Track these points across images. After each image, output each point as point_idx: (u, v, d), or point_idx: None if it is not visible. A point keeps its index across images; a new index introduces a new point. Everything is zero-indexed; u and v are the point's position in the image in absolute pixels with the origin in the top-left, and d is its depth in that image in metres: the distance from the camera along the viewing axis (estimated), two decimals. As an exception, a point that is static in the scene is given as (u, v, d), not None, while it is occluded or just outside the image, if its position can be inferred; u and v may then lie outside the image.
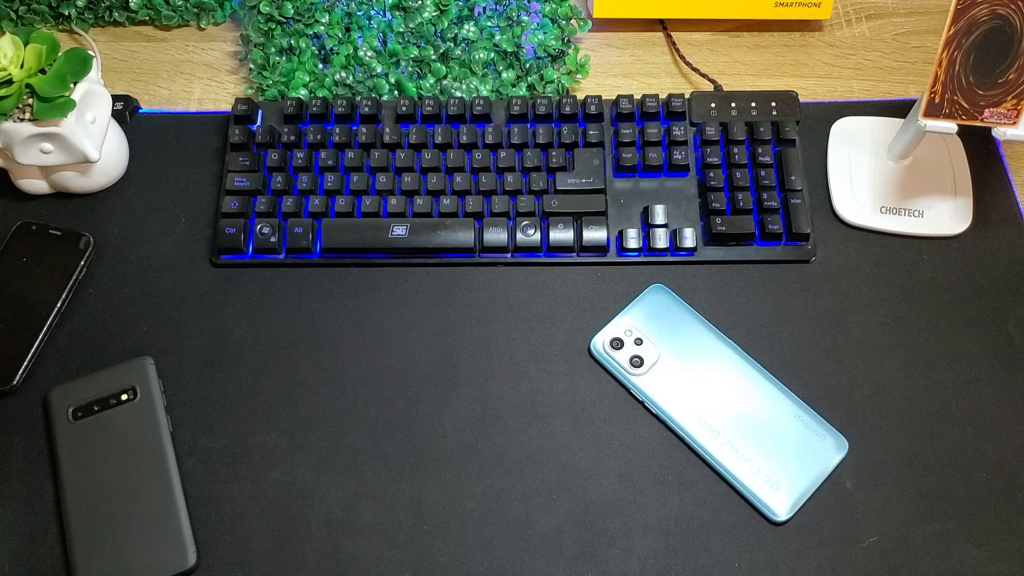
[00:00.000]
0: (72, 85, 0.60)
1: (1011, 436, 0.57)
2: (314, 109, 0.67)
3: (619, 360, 0.59)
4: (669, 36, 0.76)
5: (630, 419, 0.58)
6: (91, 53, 0.62)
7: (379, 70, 0.71)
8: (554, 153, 0.65)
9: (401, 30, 0.71)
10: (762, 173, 0.65)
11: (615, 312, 0.61)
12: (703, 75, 0.73)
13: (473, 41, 0.71)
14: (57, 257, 0.63)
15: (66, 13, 0.75)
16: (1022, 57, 0.55)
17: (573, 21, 0.72)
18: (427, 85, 0.71)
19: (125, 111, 0.70)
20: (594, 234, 0.63)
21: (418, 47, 0.71)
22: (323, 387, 0.60)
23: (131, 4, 0.75)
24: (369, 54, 0.71)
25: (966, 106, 0.57)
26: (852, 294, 0.63)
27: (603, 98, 0.68)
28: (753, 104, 0.68)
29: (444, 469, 0.57)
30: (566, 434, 0.58)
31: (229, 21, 0.78)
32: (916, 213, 0.65)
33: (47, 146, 0.60)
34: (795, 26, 0.77)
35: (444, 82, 0.71)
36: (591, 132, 0.66)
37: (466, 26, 0.71)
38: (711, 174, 0.64)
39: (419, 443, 0.57)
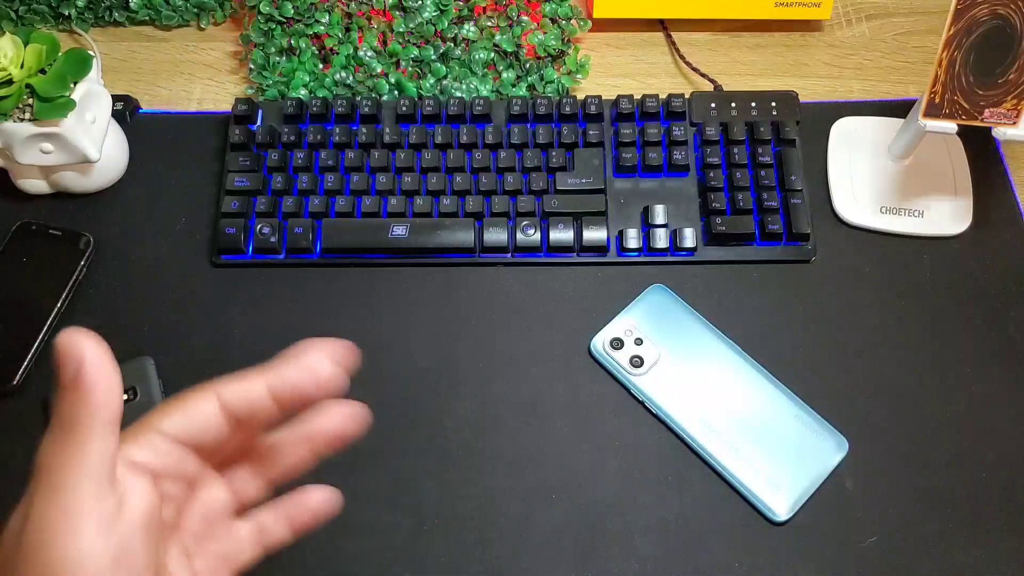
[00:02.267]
0: (72, 85, 0.60)
1: (1011, 436, 0.57)
2: (314, 109, 0.67)
3: (619, 360, 0.59)
4: (669, 36, 0.76)
5: (630, 419, 0.58)
6: (91, 53, 0.62)
7: (379, 70, 0.71)
8: (554, 153, 0.65)
9: (401, 30, 0.71)
10: (762, 173, 0.64)
11: (615, 312, 0.61)
12: (703, 75, 0.73)
13: (473, 41, 0.71)
14: (57, 257, 0.63)
15: (66, 13, 0.75)
16: (1022, 57, 0.55)
17: (573, 21, 0.72)
18: (427, 85, 0.71)
19: (125, 111, 0.70)
20: (594, 234, 0.63)
21: (418, 47, 0.71)
22: (323, 387, 0.60)
23: (131, 4, 0.75)
24: (369, 54, 0.71)
25: (966, 106, 0.57)
26: (852, 294, 0.63)
27: (603, 98, 0.68)
28: (753, 104, 0.68)
29: (444, 469, 0.57)
30: (566, 434, 0.58)
31: (229, 21, 0.78)
32: (916, 213, 0.65)
33: (47, 146, 0.60)
34: (795, 26, 0.77)
35: (444, 82, 0.71)
36: (591, 132, 0.66)
37: (466, 26, 0.71)
38: (711, 174, 0.64)
39: (419, 443, 0.57)
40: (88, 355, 0.28)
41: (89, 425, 0.28)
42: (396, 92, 0.71)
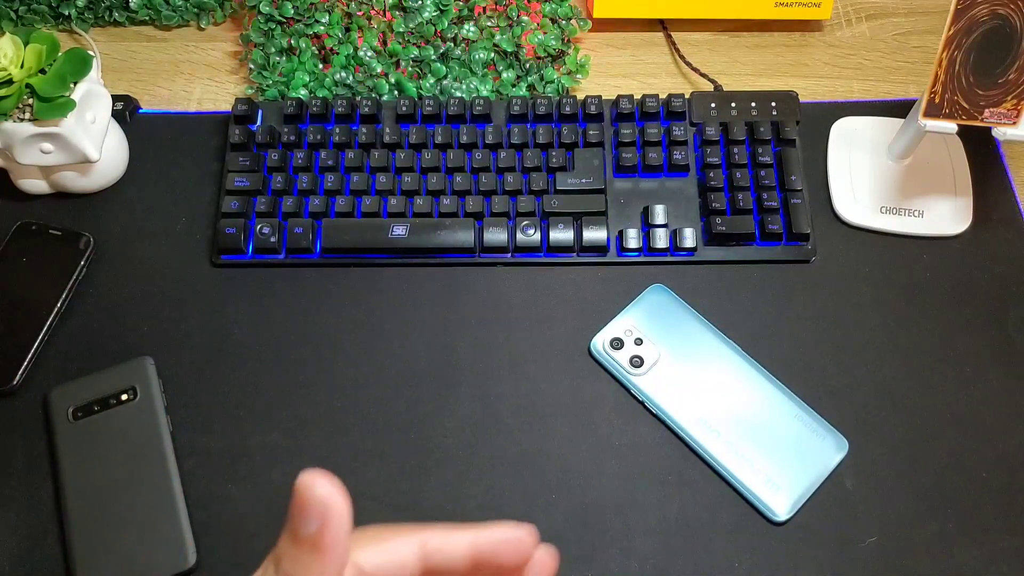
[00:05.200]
0: (72, 85, 0.60)
1: (1011, 436, 0.57)
2: (314, 109, 0.67)
3: (619, 360, 0.59)
4: (669, 36, 0.76)
5: (630, 419, 0.58)
6: (91, 53, 0.62)
7: (379, 70, 0.71)
8: (554, 153, 0.65)
9: (401, 30, 0.71)
10: (762, 173, 0.64)
11: (615, 312, 0.61)
12: (703, 75, 0.73)
13: (473, 41, 0.71)
14: (57, 257, 0.63)
15: (66, 13, 0.75)
16: (1022, 57, 0.55)
17: (573, 21, 0.72)
18: (427, 85, 0.71)
19: (125, 111, 0.70)
20: (594, 234, 0.63)
21: (418, 47, 0.71)
22: (323, 387, 0.60)
23: (131, 4, 0.75)
24: (369, 54, 0.71)
25: (966, 106, 0.57)
26: (852, 294, 0.63)
27: (603, 98, 0.68)
28: (753, 104, 0.68)
29: (444, 469, 0.57)
30: (566, 434, 0.58)
31: (229, 21, 0.78)
32: (916, 213, 0.65)
33: (47, 146, 0.60)
34: (795, 26, 0.77)
35: (444, 82, 0.71)
36: (591, 132, 0.66)
37: (466, 26, 0.71)
38: (711, 174, 0.64)
39: (419, 443, 0.57)
40: (334, 514, 0.26)
41: None
42: (396, 92, 0.71)
